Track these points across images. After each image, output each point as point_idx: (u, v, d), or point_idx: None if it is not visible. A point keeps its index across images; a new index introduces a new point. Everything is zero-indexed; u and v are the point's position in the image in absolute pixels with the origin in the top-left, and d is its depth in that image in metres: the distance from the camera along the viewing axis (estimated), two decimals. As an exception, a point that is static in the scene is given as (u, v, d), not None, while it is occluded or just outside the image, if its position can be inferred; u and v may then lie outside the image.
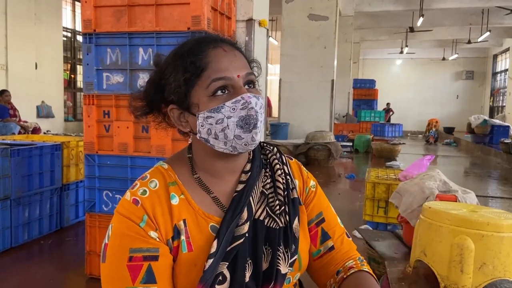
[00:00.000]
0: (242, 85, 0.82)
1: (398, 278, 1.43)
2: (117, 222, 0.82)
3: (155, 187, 0.85)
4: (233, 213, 0.84)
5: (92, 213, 2.40)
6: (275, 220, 0.88)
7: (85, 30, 2.30)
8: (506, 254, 1.22)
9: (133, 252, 0.79)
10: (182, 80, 0.82)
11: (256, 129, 0.82)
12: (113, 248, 0.81)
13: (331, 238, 0.97)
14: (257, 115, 0.81)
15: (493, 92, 18.94)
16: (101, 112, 2.36)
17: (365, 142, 10.00)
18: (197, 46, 0.84)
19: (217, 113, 0.80)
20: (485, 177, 7.41)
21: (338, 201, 4.87)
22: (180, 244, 0.82)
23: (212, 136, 0.82)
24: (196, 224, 0.84)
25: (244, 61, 0.87)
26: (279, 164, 0.95)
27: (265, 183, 0.92)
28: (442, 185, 2.01)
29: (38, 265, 2.82)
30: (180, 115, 0.86)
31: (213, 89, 0.81)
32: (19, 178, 3.03)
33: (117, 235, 0.81)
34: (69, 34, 10.54)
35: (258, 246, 0.85)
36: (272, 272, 0.84)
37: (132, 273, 0.78)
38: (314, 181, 1.01)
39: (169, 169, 0.89)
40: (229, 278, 0.81)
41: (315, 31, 8.79)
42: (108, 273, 0.80)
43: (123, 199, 0.84)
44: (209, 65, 0.81)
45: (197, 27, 2.13)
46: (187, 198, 0.86)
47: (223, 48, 0.84)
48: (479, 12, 12.66)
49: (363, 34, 16.16)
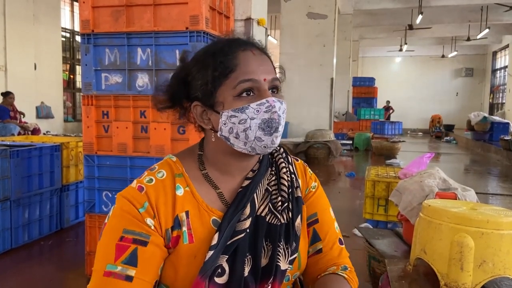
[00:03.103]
0: (267, 89, 0.84)
1: (398, 276, 1.43)
2: (119, 203, 0.85)
3: (162, 177, 0.87)
4: (236, 208, 0.86)
5: (92, 214, 2.40)
6: (276, 217, 0.89)
7: (83, 30, 2.29)
8: (506, 252, 1.22)
9: (126, 233, 0.81)
10: (210, 78, 0.84)
11: (277, 133, 0.84)
12: (109, 226, 0.83)
13: (321, 240, 0.97)
14: (279, 119, 0.84)
15: (493, 89, 18.93)
16: (100, 112, 2.36)
17: (365, 140, 10.00)
18: (228, 47, 0.86)
19: (241, 113, 0.82)
20: (485, 174, 7.41)
21: (338, 200, 4.88)
22: (181, 235, 0.84)
23: (234, 135, 0.84)
24: (198, 216, 0.86)
25: (271, 66, 0.89)
26: (285, 163, 0.97)
27: (270, 180, 0.94)
28: (441, 183, 2.01)
29: (38, 266, 2.82)
30: (203, 112, 0.88)
31: (239, 90, 0.83)
32: (18, 179, 3.03)
33: (116, 215, 0.84)
34: (67, 34, 10.53)
35: (258, 242, 0.86)
36: (271, 267, 0.85)
37: (118, 252, 0.80)
38: (316, 183, 1.02)
39: (177, 162, 0.91)
40: (228, 271, 0.82)
41: (314, 30, 8.78)
42: (99, 248, 0.83)
43: (129, 186, 0.87)
44: (238, 66, 0.83)
45: (196, 27, 2.13)
46: (192, 190, 0.88)
47: (253, 51, 0.87)
48: (478, 9, 12.66)
49: (362, 32, 16.15)
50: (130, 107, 2.30)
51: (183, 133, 2.23)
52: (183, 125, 2.20)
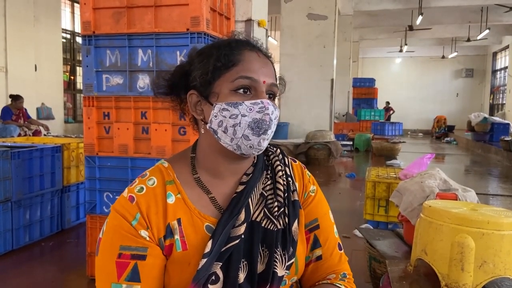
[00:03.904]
0: (264, 91, 0.85)
1: (399, 277, 1.44)
2: (112, 218, 0.85)
3: (152, 185, 0.87)
4: (230, 214, 0.85)
5: (93, 215, 2.40)
6: (272, 222, 0.88)
7: (84, 32, 2.30)
8: (506, 252, 1.22)
9: (123, 250, 0.81)
10: (211, 68, 0.85)
11: (265, 135, 0.83)
12: (106, 243, 0.84)
13: (321, 247, 0.96)
14: (270, 122, 0.83)
15: (493, 89, 18.93)
16: (101, 113, 2.36)
17: (365, 141, 10.01)
18: (235, 43, 0.88)
19: (234, 108, 0.82)
20: (485, 175, 7.41)
21: (339, 201, 4.88)
22: (174, 243, 0.83)
23: (222, 129, 0.83)
24: (191, 223, 0.85)
25: (273, 71, 0.89)
26: (281, 165, 0.95)
27: (265, 184, 0.92)
28: (442, 184, 2.01)
29: (40, 267, 2.82)
30: (198, 102, 0.88)
31: (237, 85, 0.83)
32: (19, 180, 3.04)
33: (110, 231, 0.84)
34: (68, 35, 10.54)
35: (254, 247, 0.85)
36: (268, 274, 0.84)
37: (119, 269, 0.81)
38: (315, 186, 1.01)
39: (168, 168, 0.90)
40: (222, 278, 0.82)
41: (314, 31, 8.79)
42: (99, 266, 0.84)
43: (121, 196, 0.87)
44: (241, 62, 0.84)
45: (196, 28, 2.14)
46: (183, 197, 0.87)
47: (258, 54, 0.88)
48: (478, 9, 12.66)
49: (362, 33, 16.16)
50: (131, 108, 2.30)
51: (184, 134, 2.24)
52: (184, 126, 2.22)
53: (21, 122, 7.09)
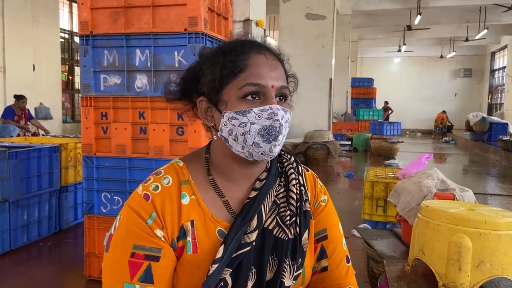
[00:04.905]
0: (273, 96, 0.82)
1: (396, 277, 1.44)
2: (126, 215, 0.83)
3: (168, 184, 0.85)
4: (243, 220, 0.84)
5: (91, 215, 2.39)
6: (284, 231, 0.86)
7: (82, 32, 2.30)
8: (503, 252, 1.22)
9: (136, 249, 0.79)
10: (218, 75, 0.83)
11: (276, 142, 0.82)
12: (118, 240, 0.81)
13: (327, 258, 0.95)
14: (280, 128, 0.81)
15: (491, 89, 18.96)
16: (98, 113, 2.36)
17: (363, 140, 10.01)
18: (241, 47, 0.85)
19: (242, 116, 0.81)
20: (483, 174, 7.42)
21: (337, 200, 4.88)
22: (185, 245, 0.82)
23: (232, 137, 0.82)
24: (204, 226, 0.84)
25: (282, 73, 0.87)
26: (295, 174, 0.93)
27: (278, 192, 0.91)
28: (440, 184, 2.01)
29: (38, 267, 2.82)
30: (208, 109, 0.87)
31: (245, 92, 0.81)
32: (17, 181, 3.03)
33: (124, 228, 0.82)
34: (66, 35, 10.52)
35: (265, 255, 0.84)
36: (276, 283, 0.84)
37: (132, 269, 0.79)
38: (326, 196, 1.00)
39: (183, 167, 0.89)
40: (231, 284, 0.81)
41: (313, 30, 8.79)
42: (110, 263, 0.82)
43: (135, 193, 0.85)
44: (248, 68, 0.82)
45: (194, 28, 2.13)
46: (197, 199, 0.86)
47: (266, 55, 0.85)
48: (477, 9, 12.67)
49: (361, 32, 16.16)
50: (129, 108, 2.30)
51: (182, 134, 2.23)
52: (182, 126, 2.22)
53: (22, 123, 7.07)
